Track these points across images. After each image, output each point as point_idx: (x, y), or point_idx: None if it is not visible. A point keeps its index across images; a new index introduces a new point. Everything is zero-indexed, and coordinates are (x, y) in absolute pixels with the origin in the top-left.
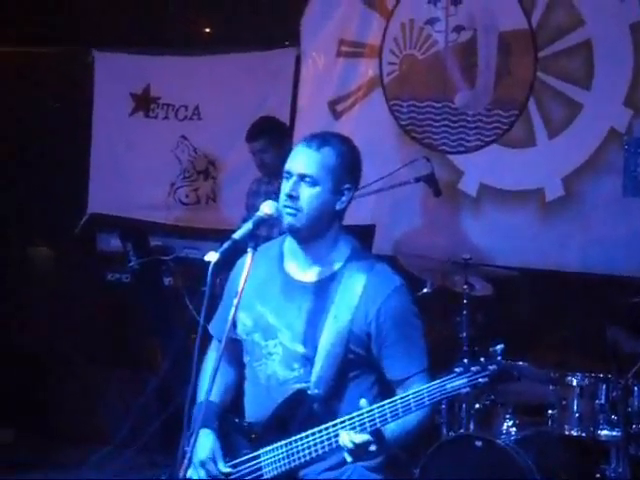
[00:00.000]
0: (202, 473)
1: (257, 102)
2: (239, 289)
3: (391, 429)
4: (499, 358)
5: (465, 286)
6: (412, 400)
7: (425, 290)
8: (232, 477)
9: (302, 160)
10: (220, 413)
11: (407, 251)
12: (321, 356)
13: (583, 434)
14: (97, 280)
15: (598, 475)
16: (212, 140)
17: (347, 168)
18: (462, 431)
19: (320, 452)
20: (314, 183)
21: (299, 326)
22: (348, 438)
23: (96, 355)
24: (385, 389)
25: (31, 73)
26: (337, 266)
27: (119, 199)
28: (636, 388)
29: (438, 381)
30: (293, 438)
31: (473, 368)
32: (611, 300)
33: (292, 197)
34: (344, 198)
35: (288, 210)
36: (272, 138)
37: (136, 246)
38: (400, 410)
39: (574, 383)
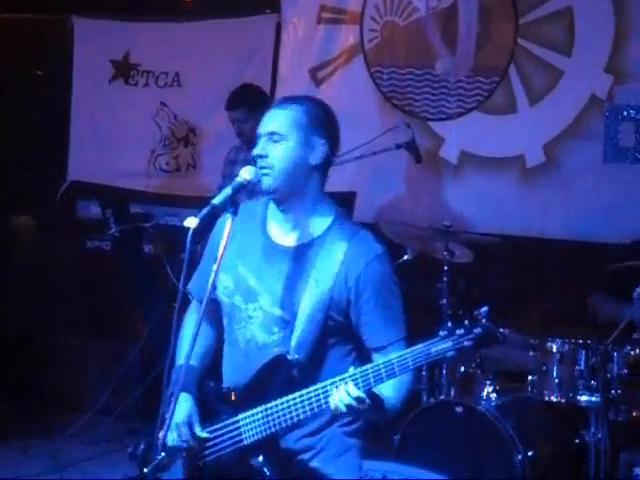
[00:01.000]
0: (175, 435)
1: (237, 69)
2: (218, 254)
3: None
4: (484, 321)
5: (445, 253)
6: (396, 364)
7: (406, 257)
8: (212, 443)
9: (269, 119)
10: (199, 377)
11: (388, 218)
12: (301, 321)
13: (563, 400)
14: (77, 247)
15: (577, 440)
16: (192, 107)
17: (318, 123)
18: (442, 397)
19: (302, 417)
20: (282, 139)
21: (278, 290)
22: (346, 391)
23: (76, 323)
24: (362, 357)
25: (10, 39)
26: (319, 231)
27: (99, 166)
28: (615, 354)
29: (422, 345)
30: (273, 403)
31: (458, 331)
32: (592, 266)
33: (261, 156)
34: (318, 152)
35: (262, 171)
36: (251, 107)
37: (116, 213)
38: (384, 374)
39: (554, 349)
